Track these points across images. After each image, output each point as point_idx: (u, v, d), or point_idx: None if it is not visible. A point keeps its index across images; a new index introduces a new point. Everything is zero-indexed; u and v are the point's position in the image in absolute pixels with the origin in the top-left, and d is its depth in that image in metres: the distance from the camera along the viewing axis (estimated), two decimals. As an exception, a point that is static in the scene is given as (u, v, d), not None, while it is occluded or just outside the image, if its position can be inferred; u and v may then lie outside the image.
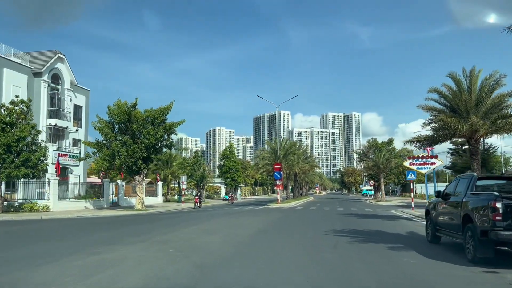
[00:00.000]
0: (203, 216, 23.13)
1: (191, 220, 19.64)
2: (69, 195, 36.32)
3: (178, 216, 24.35)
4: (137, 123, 30.35)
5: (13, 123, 26.87)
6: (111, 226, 17.98)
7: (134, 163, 30.45)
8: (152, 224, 18.37)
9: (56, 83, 40.17)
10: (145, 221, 20.50)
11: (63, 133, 40.76)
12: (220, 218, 20.94)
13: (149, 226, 16.22)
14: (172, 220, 21.12)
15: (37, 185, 32.64)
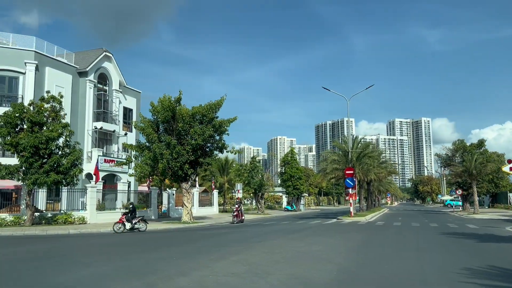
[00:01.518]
0: (253, 236, 17.79)
1: (234, 243, 14.37)
2: (117, 205, 32.80)
3: (223, 234, 19.21)
4: (182, 121, 25.90)
5: (42, 122, 23.48)
6: (121, 251, 13.21)
7: (180, 168, 25.97)
8: (174, 249, 13.35)
9: (103, 83, 37.27)
10: (173, 243, 15.64)
11: (111, 137, 37.68)
12: (277, 239, 15.44)
13: (163, 255, 11.19)
14: (209, 240, 16.00)
15: (81, 194, 29.25)
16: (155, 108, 26.37)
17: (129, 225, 21.15)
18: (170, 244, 14.31)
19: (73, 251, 13.02)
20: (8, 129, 22.60)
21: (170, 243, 14.73)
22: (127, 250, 12.73)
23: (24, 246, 14.41)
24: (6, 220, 23.60)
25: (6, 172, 22.36)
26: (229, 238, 16.21)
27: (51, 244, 15.06)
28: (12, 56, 30.03)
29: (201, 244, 13.97)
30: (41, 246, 14.53)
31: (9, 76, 30.14)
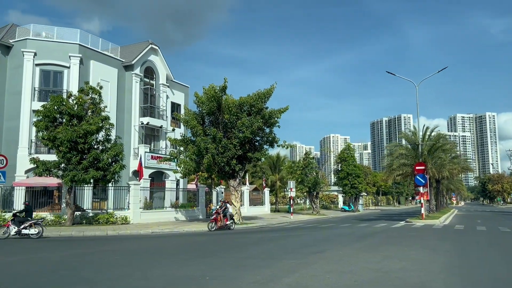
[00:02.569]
0: (310, 243, 14.92)
1: (287, 254, 11.56)
2: (166, 204, 31.18)
3: (274, 239, 16.44)
4: (228, 113, 23.50)
5: (81, 115, 22.02)
6: (149, 259, 10.82)
7: (227, 163, 23.59)
8: (209, 261, 10.75)
9: (149, 77, 35.86)
10: (213, 251, 13.08)
11: (158, 133, 36.22)
12: (342, 249, 12.42)
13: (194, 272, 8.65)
14: (258, 247, 13.29)
15: (128, 192, 27.71)
16: (199, 99, 24.18)
17: (14, 230, 16.69)
18: (207, 253, 11.78)
19: (79, 263, 10.85)
20: (46, 122, 21.33)
21: (209, 252, 12.20)
22: (149, 258, 10.37)
23: (32, 254, 12.50)
24: (47, 220, 22.37)
25: (43, 168, 21.09)
26: (281, 246, 13.42)
27: (65, 251, 13.08)
28: (57, 50, 29.18)
29: (247, 254, 11.30)
30: (54, 254, 12.55)
31: (53, 71, 29.33)
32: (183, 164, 23.68)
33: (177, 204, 31.28)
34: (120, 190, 27.35)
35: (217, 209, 21.50)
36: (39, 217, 22.27)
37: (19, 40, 28.97)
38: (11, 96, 28.46)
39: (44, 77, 29.07)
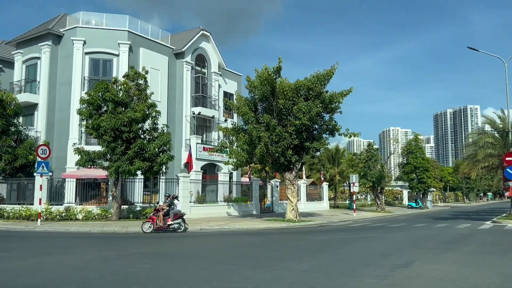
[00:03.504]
0: (387, 250, 12.21)
1: (362, 267, 9.03)
2: (219, 198, 29.46)
3: (338, 243, 13.83)
4: (283, 97, 21.06)
5: (126, 102, 20.58)
6: (182, 269, 8.65)
7: (282, 154, 21.17)
8: (257, 275, 8.41)
9: (201, 65, 34.23)
10: (263, 257, 10.75)
11: (210, 124, 34.55)
12: (434, 262, 9.62)
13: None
14: (319, 255, 10.77)
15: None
16: (251, 83, 21.93)
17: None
18: (258, 262, 9.47)
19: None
20: (90, 110, 20.11)
21: (261, 260, 9.87)
22: (182, 268, 8.23)
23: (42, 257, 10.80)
24: (93, 213, 21.31)
25: (86, 159, 19.90)
26: (351, 253, 10.80)
27: (91, 253, 11.28)
28: (106, 37, 28.24)
29: (308, 265, 8.82)
30: (73, 257, 10.78)
31: (103, 59, 28.43)
32: (234, 155, 21.57)
33: (230, 198, 29.44)
34: (171, 183, 25.82)
35: (160, 205, 17.68)
36: (86, 211, 21.33)
37: (69, 29, 28.37)
38: (61, 86, 27.95)
39: (94, 66, 28.26)
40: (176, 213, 16.68)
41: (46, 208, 20.78)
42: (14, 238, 14.42)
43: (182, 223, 16.69)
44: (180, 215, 16.72)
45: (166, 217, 16.53)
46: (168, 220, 16.50)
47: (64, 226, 17.88)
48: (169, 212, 16.62)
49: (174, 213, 16.64)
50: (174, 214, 16.58)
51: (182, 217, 16.77)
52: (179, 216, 16.70)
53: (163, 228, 16.37)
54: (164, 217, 16.50)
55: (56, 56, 28.45)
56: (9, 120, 23.68)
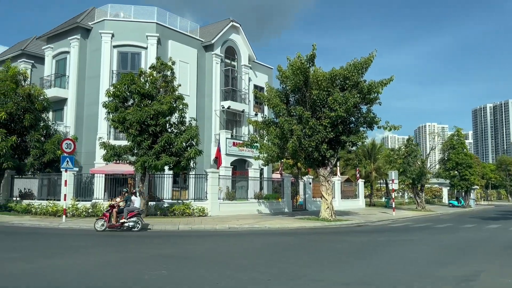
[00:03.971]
0: (447, 256, 10.71)
1: (420, 284, 7.58)
2: (249, 195, 28.39)
3: (384, 245, 12.39)
4: (318, 87, 19.65)
5: (152, 94, 19.75)
6: (197, 281, 7.52)
7: (315, 148, 19.79)
8: None
9: (230, 58, 33.20)
10: (299, 262, 9.45)
11: (240, 118, 33.49)
12: (508, 271, 8.09)
13: None
14: (363, 261, 9.41)
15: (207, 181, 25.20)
16: (283, 73, 20.62)
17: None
18: (290, 269, 8.22)
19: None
20: (116, 103, 19.40)
21: (292, 266, 8.64)
22: (198, 279, 7.10)
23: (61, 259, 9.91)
24: (120, 209, 20.63)
25: (111, 153, 19.21)
26: (398, 259, 9.39)
27: (106, 255, 10.33)
28: (134, 30, 27.63)
29: (348, 277, 7.49)
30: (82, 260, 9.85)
31: (131, 52, 27.85)
32: (265, 149, 20.34)
33: (261, 195, 28.29)
34: (200, 179, 24.93)
35: (114, 202, 15.91)
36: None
37: (97, 22, 27.94)
38: (90, 80, 27.58)
39: (122, 59, 27.72)
40: (132, 211, 15.37)
41: (72, 204, 20.29)
42: (33, 236, 13.81)
43: (139, 221, 15.37)
44: (136, 213, 15.42)
45: (120, 215, 15.30)
46: (122, 217, 15.21)
47: (89, 223, 17.21)
48: (123, 210, 15.30)
49: (128, 210, 15.32)
50: (128, 212, 15.26)
51: (139, 214, 15.50)
52: (136, 213, 15.39)
53: (115, 226, 15.16)
54: (119, 214, 15.28)
55: (85, 50, 28.11)
56: (37, 115, 23.42)
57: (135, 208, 15.55)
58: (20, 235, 13.87)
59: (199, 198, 24.08)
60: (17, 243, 11.74)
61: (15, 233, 14.25)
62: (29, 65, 32.33)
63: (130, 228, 15.14)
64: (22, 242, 12.00)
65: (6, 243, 11.87)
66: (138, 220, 15.31)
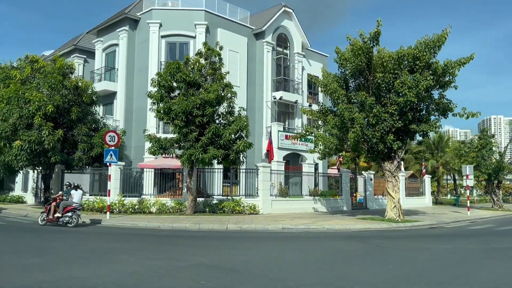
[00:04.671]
0: None
1: None
2: (303, 191, 26.37)
3: (486, 259, 9.95)
4: (382, 70, 17.24)
5: (199, 82, 18.32)
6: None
7: (380, 139, 17.41)
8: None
9: (282, 46, 31.24)
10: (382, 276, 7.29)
11: (293, 110, 31.49)
12: None
13: None
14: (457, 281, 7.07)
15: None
16: (341, 55, 18.36)
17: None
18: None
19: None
20: (161, 93, 18.17)
21: (363, 284, 6.60)
22: None
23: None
24: (167, 206, 19.52)
25: (157, 146, 17.99)
26: None
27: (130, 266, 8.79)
28: (182, 19, 26.47)
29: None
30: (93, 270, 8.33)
31: (179, 42, 26.72)
32: (322, 141, 18.21)
33: (316, 191, 26.18)
34: (251, 174, 23.22)
35: (57, 195, 15.65)
36: (160, 203, 19.59)
37: (145, 12, 27.08)
38: (139, 72, 26.82)
39: (170, 50, 26.66)
40: (68, 205, 14.70)
41: (119, 200, 19.43)
42: (69, 234, 12.75)
43: (75, 217, 14.60)
44: (72, 208, 14.65)
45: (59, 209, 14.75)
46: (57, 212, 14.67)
47: (133, 221, 16.14)
48: (59, 205, 14.74)
49: (64, 205, 14.70)
50: (64, 207, 14.66)
51: (75, 209, 14.66)
52: (72, 208, 14.63)
53: (52, 221, 14.74)
54: (58, 208, 14.74)
55: (133, 41, 27.39)
56: (85, 108, 22.90)
57: (72, 203, 14.86)
58: (57, 233, 12.89)
59: (250, 194, 22.40)
60: (47, 243, 10.66)
61: (51, 231, 13.33)
62: (81, 60, 32.29)
63: (65, 223, 14.60)
64: (53, 242, 10.91)
65: (39, 243, 10.83)
66: (73, 215, 14.62)
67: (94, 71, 29.33)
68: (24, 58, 23.12)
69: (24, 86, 20.71)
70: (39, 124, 19.65)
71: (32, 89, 20.27)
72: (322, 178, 30.06)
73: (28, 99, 19.81)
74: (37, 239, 11.63)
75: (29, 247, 10.12)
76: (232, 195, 22.50)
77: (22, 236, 12.38)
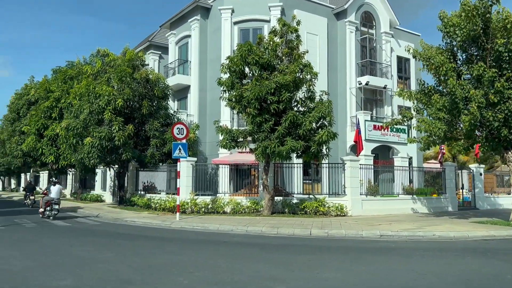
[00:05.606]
0: None
1: None
2: (395, 189, 22.85)
3: None
4: (505, 34, 13.47)
5: (273, 64, 15.96)
6: None
7: (504, 123, 13.65)
8: None
9: (367, 25, 27.82)
10: None
11: (381, 97, 27.93)
12: None
13: None
14: None
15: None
16: (448, 21, 14.77)
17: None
18: None
19: None
20: (231, 79, 16.12)
21: None
22: None
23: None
24: (242, 206, 17.49)
25: (229, 139, 15.98)
26: None
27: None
28: (254, 2, 24.37)
29: None
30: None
31: (252, 28, 24.66)
32: (425, 126, 14.77)
33: (411, 189, 22.53)
34: (335, 169, 20.23)
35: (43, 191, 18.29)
36: (234, 202, 17.60)
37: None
38: (212, 63, 25.12)
39: (243, 37, 24.65)
40: (48, 200, 16.51)
41: (191, 199, 17.80)
42: (130, 238, 11.10)
43: (54, 211, 16.26)
44: (50, 203, 16.40)
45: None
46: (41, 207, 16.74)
47: (204, 222, 14.29)
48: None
49: (44, 200, 16.66)
50: (45, 202, 16.59)
51: (52, 204, 16.33)
52: (50, 203, 16.39)
53: (41, 215, 16.65)
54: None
55: (205, 31, 25.90)
56: (158, 102, 21.79)
57: (50, 198, 16.44)
58: (117, 238, 11.36)
59: (335, 192, 19.48)
60: (98, 254, 9.00)
61: (113, 235, 11.88)
62: (157, 57, 31.74)
63: (47, 216, 16.30)
64: (105, 253, 9.24)
65: (87, 253, 9.22)
66: (51, 209, 16.26)
67: (167, 65, 28.46)
68: (96, 52, 22.64)
69: (95, 81, 20.03)
70: (109, 119, 18.75)
71: (102, 83, 19.47)
72: (417, 173, 26.11)
73: (98, 94, 19.02)
74: (88, 245, 10.10)
75: (76, 258, 8.52)
76: (311, 194, 19.79)
77: (73, 242, 11.00)
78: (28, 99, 30.95)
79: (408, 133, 26.70)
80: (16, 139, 30.38)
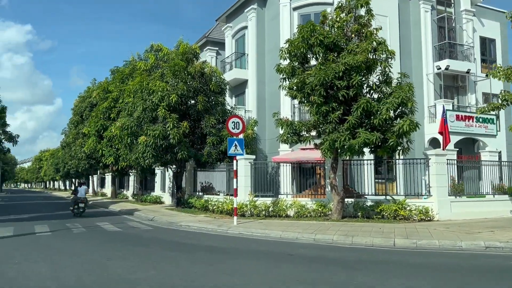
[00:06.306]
0: None
1: None
2: (482, 187, 19.57)
3: None
4: None
5: (340, 44, 13.76)
6: None
7: None
8: None
9: (445, 3, 24.57)
10: None
11: (463, 83, 24.48)
12: None
13: None
14: None
15: (424, 168, 17.55)
16: None
17: None
18: None
19: None
20: (291, 65, 14.17)
21: None
22: None
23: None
24: (307, 208, 15.46)
25: (290, 133, 14.02)
26: None
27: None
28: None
29: None
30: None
31: (314, 13, 22.34)
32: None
33: (503, 187, 19.14)
34: (412, 166, 17.37)
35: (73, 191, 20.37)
36: (298, 205, 15.62)
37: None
38: (270, 54, 23.37)
39: (304, 23, 22.59)
40: (75, 200, 18.09)
41: (250, 200, 16.10)
42: (174, 254, 9.51)
43: (81, 208, 17.92)
44: (78, 202, 17.98)
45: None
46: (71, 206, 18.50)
47: (265, 228, 12.48)
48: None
49: (73, 200, 18.43)
50: (73, 201, 18.26)
51: (79, 203, 17.94)
52: (79, 202, 17.96)
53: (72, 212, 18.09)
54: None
55: (263, 20, 24.20)
56: (214, 97, 20.39)
57: (77, 198, 18.10)
58: (165, 248, 9.86)
59: (416, 193, 16.75)
60: (138, 274, 7.45)
61: (162, 244, 10.43)
62: (214, 53, 30.57)
63: (75, 214, 17.83)
64: (137, 273, 7.68)
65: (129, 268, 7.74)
66: (78, 207, 17.93)
67: (224, 60, 27.13)
68: (149, 48, 21.74)
69: (149, 77, 19.03)
70: (163, 116, 17.59)
71: (156, 79, 18.39)
72: (507, 169, 22.39)
73: (152, 90, 17.95)
74: (129, 258, 8.64)
75: (108, 277, 7.03)
76: (388, 194, 17.19)
77: (113, 254, 9.63)
78: (90, 102, 31.17)
79: (496, 124, 23.23)
80: (80, 142, 30.70)
